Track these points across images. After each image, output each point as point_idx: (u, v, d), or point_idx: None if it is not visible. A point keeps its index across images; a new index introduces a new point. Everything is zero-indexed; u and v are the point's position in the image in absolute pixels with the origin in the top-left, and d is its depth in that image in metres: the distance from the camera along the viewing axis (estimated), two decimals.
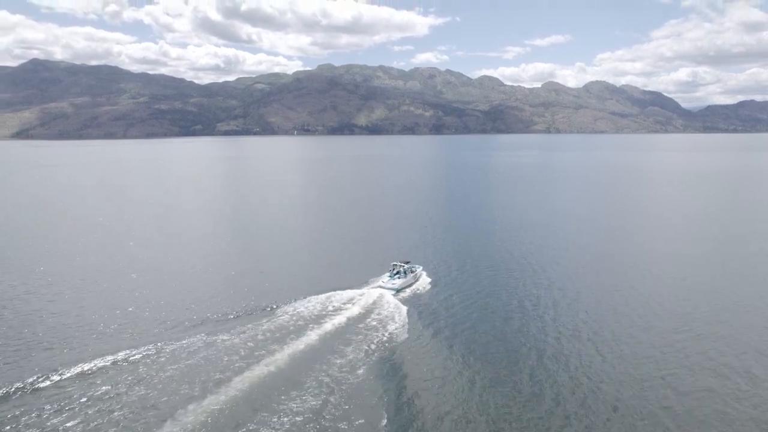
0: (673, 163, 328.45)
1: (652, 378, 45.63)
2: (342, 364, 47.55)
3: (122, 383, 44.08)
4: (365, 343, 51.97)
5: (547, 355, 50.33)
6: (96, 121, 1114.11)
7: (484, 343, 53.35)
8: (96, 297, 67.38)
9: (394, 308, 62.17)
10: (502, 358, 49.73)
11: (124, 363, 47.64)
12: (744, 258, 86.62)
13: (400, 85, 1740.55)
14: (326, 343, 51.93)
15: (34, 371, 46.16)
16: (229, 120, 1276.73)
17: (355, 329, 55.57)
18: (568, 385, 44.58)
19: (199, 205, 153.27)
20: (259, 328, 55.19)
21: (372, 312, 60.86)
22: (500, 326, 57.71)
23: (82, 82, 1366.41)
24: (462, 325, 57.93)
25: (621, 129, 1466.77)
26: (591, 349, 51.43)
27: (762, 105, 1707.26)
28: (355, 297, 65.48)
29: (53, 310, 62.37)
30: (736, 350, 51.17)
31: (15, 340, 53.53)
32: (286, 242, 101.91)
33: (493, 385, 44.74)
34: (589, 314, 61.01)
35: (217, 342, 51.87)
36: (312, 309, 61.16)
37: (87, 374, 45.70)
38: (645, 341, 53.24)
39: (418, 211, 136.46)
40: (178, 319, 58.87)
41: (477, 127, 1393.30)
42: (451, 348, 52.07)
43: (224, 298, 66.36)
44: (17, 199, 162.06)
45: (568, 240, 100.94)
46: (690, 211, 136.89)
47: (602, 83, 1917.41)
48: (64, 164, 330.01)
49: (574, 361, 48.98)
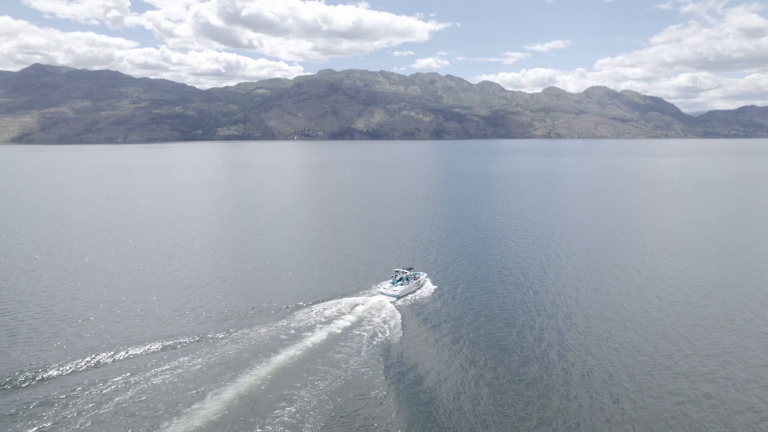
0: (679, 168, 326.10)
1: (660, 387, 43.08)
2: (335, 371, 46.39)
3: (123, 383, 44.31)
4: (360, 351, 50.44)
5: (553, 370, 47.42)
6: (96, 125, 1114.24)
7: (484, 352, 50.74)
8: (96, 298, 66.44)
9: (393, 316, 60.15)
10: (504, 373, 46.79)
11: (125, 363, 48.06)
12: (748, 260, 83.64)
13: (400, 90, 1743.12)
14: (321, 349, 50.71)
15: (33, 371, 46.39)
16: (230, 125, 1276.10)
17: (351, 336, 53.97)
18: (576, 401, 41.64)
19: (200, 210, 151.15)
20: (254, 334, 54.25)
21: (370, 319, 59.01)
22: (502, 336, 54.98)
23: (83, 87, 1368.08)
24: (462, 335, 55.24)
25: (622, 134, 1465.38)
26: (600, 365, 48.47)
27: (763, 110, 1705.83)
28: (354, 304, 63.70)
29: (57, 310, 61.99)
30: (743, 359, 48.54)
31: (15, 341, 53.05)
32: (286, 248, 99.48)
33: (494, 402, 41.73)
34: (598, 324, 58.22)
35: (214, 346, 51.23)
36: (310, 316, 59.88)
37: (86, 375, 45.88)
38: (650, 351, 50.71)
39: (421, 217, 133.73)
40: (178, 323, 58.17)
41: (477, 133, 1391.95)
42: (448, 358, 49.63)
43: (221, 304, 64.69)
44: (17, 202, 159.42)
45: (576, 247, 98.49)
46: (696, 218, 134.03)
47: (603, 88, 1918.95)
48: (59, 170, 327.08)
49: (581, 376, 46.10)
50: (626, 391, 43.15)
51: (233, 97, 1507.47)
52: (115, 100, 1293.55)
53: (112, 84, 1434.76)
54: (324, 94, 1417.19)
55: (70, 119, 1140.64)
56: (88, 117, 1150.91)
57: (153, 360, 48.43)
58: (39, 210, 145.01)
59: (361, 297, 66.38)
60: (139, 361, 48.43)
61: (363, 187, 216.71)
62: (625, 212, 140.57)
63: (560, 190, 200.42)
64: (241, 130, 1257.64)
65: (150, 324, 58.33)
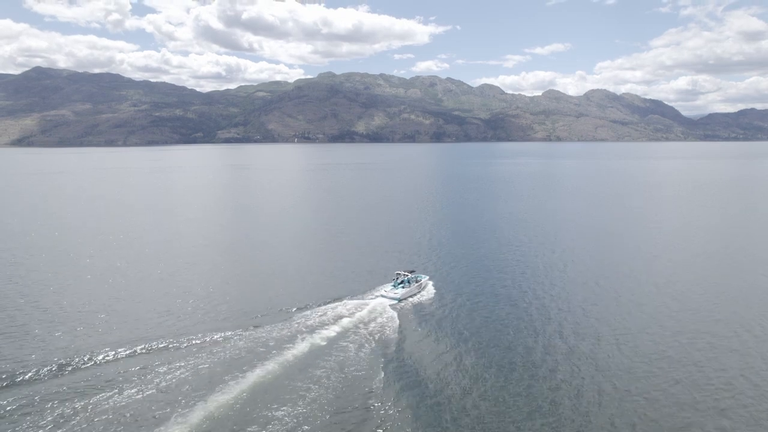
0: (679, 171, 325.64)
1: (663, 394, 42.42)
2: (334, 372, 46.02)
3: (123, 382, 44.23)
4: (357, 353, 50.06)
5: (556, 375, 46.76)
6: (96, 128, 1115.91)
7: (483, 354, 50.08)
8: (96, 298, 66.10)
9: (392, 319, 59.68)
10: (504, 375, 46.08)
11: (125, 363, 47.88)
12: (750, 263, 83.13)
13: (401, 93, 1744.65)
14: (319, 351, 50.43)
15: (32, 371, 46.24)
16: (230, 128, 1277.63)
17: (350, 338, 53.66)
18: (581, 411, 40.91)
19: (200, 213, 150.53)
20: (253, 336, 53.95)
21: (369, 322, 58.62)
22: (502, 339, 54.20)
23: (83, 89, 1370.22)
24: (461, 338, 54.55)
25: (622, 137, 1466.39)
26: (605, 372, 47.82)
27: (763, 113, 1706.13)
28: (354, 306, 63.22)
29: (56, 310, 61.80)
30: (743, 358, 47.80)
31: (14, 341, 52.91)
32: (285, 250, 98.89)
33: (493, 404, 41.07)
34: (602, 328, 57.57)
35: (213, 348, 50.87)
36: (309, 318, 59.46)
37: (86, 375, 45.70)
38: (657, 357, 49.95)
39: (423, 220, 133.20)
40: (177, 325, 57.89)
41: (477, 135, 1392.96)
42: (445, 362, 48.99)
43: (221, 306, 64.26)
44: (17, 204, 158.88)
45: (577, 250, 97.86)
46: (696, 221, 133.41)
47: (603, 91, 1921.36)
48: (59, 172, 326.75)
49: (586, 384, 45.32)
50: (631, 396, 42.44)
51: (233, 99, 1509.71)
52: (115, 103, 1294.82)
53: (112, 87, 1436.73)
54: (324, 97, 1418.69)
55: (71, 122, 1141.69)
56: (88, 120, 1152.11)
57: (153, 361, 48.05)
58: (39, 212, 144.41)
59: (361, 299, 65.83)
60: (140, 361, 48.12)
61: (363, 189, 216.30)
62: (625, 215, 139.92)
63: (560, 193, 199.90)
64: (241, 132, 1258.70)
65: (150, 325, 57.80)
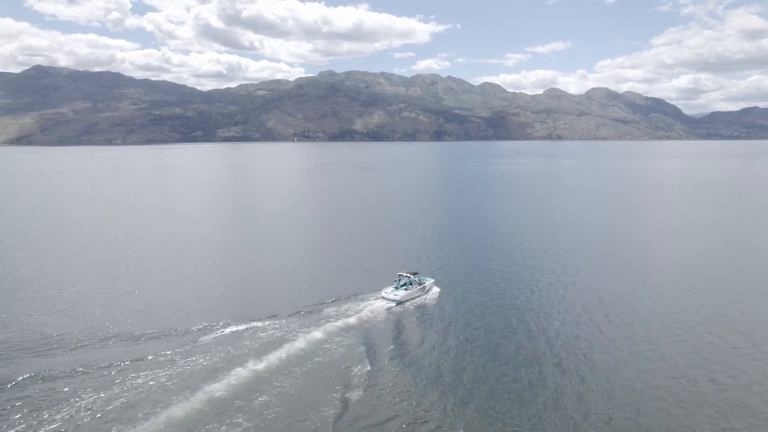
0: (680, 170, 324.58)
1: (663, 393, 41.44)
2: (332, 374, 45.84)
3: (123, 383, 44.45)
4: (355, 354, 49.73)
5: (559, 380, 45.60)
6: (96, 127, 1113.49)
7: (483, 357, 49.19)
8: (96, 298, 66.05)
9: (390, 321, 58.87)
10: (504, 378, 45.02)
11: (124, 363, 48.10)
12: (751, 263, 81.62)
13: (401, 91, 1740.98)
14: (318, 352, 50.11)
15: (30, 371, 46.35)
16: (230, 126, 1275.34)
17: (349, 339, 53.22)
18: (589, 415, 39.74)
19: (199, 213, 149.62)
20: (252, 336, 53.96)
21: (367, 323, 58.02)
22: (502, 344, 53.03)
23: (83, 88, 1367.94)
24: (460, 342, 53.59)
25: (623, 136, 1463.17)
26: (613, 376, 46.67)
27: (765, 112, 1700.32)
28: (352, 307, 62.52)
29: (56, 310, 62.32)
30: (742, 356, 46.66)
31: (14, 341, 53.34)
32: (285, 250, 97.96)
33: (492, 407, 39.73)
34: (609, 330, 56.50)
35: (213, 348, 51.02)
36: (308, 318, 59.13)
37: (85, 375, 45.98)
38: (658, 357, 49.27)
39: (425, 221, 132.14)
40: (176, 324, 57.88)
41: (478, 134, 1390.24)
42: (442, 366, 48.20)
43: (221, 306, 64.01)
44: (17, 203, 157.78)
45: (581, 252, 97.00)
46: (696, 220, 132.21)
47: (604, 90, 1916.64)
48: (59, 172, 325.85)
49: (592, 388, 44.17)
50: (638, 395, 41.54)
51: (233, 98, 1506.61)
52: (115, 102, 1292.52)
53: (112, 85, 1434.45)
54: (324, 96, 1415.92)
55: (70, 120, 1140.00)
56: (87, 118, 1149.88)
57: (152, 360, 48.46)
58: (38, 211, 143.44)
59: (360, 301, 65.22)
60: (139, 360, 48.43)
61: (364, 189, 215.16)
62: (625, 215, 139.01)
63: (560, 193, 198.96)
64: (241, 131, 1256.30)
65: (149, 325, 57.69)
